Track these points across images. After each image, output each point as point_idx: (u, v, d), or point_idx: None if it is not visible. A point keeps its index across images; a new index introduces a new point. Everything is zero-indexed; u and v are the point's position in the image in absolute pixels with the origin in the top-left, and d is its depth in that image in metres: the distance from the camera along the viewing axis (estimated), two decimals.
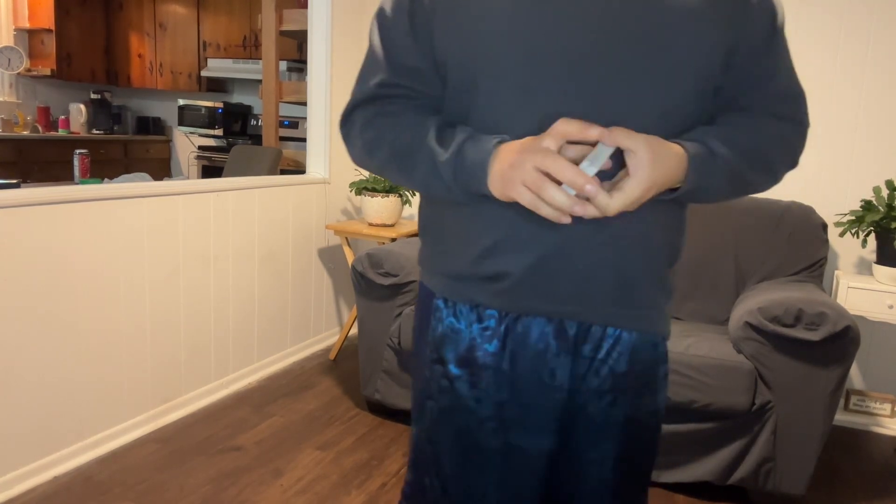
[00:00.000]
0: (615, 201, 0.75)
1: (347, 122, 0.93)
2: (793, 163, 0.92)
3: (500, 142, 0.80)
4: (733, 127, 0.86)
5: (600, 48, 0.78)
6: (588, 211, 0.74)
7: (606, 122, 0.76)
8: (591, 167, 0.74)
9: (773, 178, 0.91)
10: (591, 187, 0.72)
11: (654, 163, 0.76)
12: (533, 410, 0.90)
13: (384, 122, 0.88)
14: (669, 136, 0.81)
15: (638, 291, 0.88)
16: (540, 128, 0.79)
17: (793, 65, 0.91)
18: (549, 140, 0.75)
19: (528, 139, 0.77)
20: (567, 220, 0.75)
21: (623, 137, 0.74)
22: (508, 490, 0.92)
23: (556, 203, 0.74)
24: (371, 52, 0.91)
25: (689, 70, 0.81)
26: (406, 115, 0.87)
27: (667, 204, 0.85)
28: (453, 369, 0.91)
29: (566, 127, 0.75)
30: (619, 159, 0.77)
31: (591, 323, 0.88)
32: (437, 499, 0.94)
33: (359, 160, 0.94)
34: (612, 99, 0.79)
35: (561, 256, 0.83)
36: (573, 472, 0.93)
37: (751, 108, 0.88)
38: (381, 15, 0.90)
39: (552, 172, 0.73)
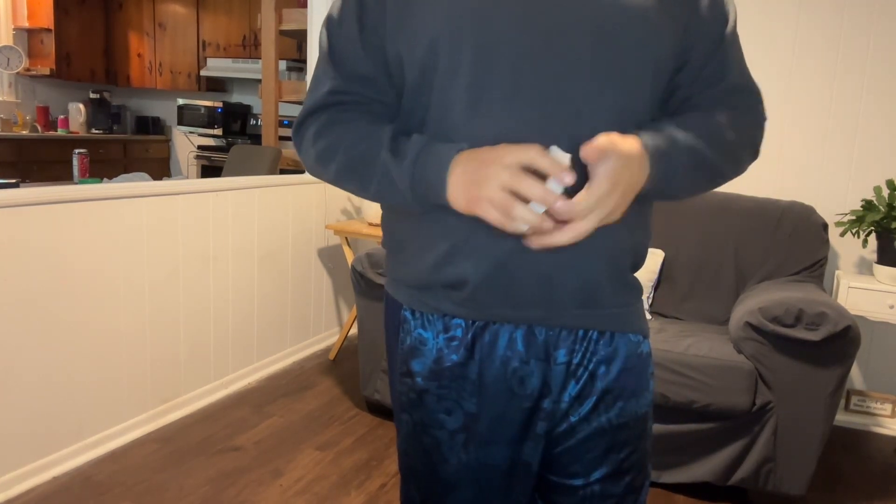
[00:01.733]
0: (586, 211, 0.74)
1: (299, 131, 0.91)
2: (754, 151, 0.91)
3: (460, 150, 0.78)
4: (689, 118, 0.86)
5: (552, 45, 0.77)
6: (564, 236, 0.74)
7: (561, 121, 0.76)
8: (557, 185, 0.72)
9: (738, 166, 0.90)
10: (562, 205, 0.71)
11: (615, 166, 0.75)
12: (503, 421, 0.88)
13: (336, 132, 0.86)
14: (625, 130, 0.80)
15: (602, 293, 0.85)
16: (494, 125, 0.78)
17: (746, 65, 0.91)
18: (512, 157, 0.73)
19: (487, 151, 0.75)
20: (537, 242, 0.75)
21: (589, 151, 0.74)
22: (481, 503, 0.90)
23: (528, 222, 0.72)
24: (321, 60, 0.89)
25: (642, 68, 0.80)
26: (359, 124, 0.85)
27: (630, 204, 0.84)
28: (421, 382, 0.89)
29: (531, 155, 0.73)
30: (583, 174, 0.75)
31: (560, 327, 0.86)
32: None
33: (313, 170, 0.91)
34: (565, 97, 0.78)
35: (520, 261, 0.81)
36: (558, 481, 0.91)
37: (701, 106, 0.88)
38: (329, 22, 0.88)
39: (521, 191, 0.72)
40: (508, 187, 0.72)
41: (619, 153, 0.75)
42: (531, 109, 0.77)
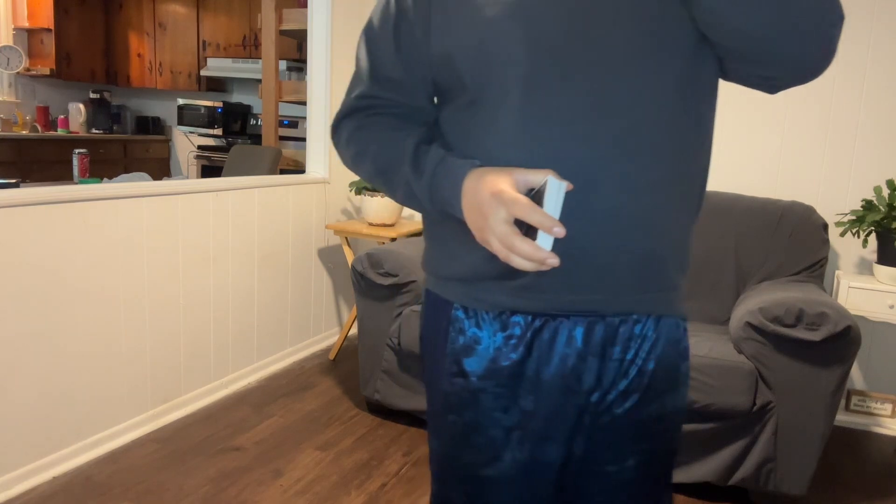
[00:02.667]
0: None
1: (335, 135, 0.97)
2: (836, 10, 0.73)
3: (472, 167, 0.79)
4: None
5: (594, 28, 0.77)
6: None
7: (617, 103, 0.76)
8: (554, 208, 0.72)
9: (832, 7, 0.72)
10: (559, 229, 0.71)
11: None
12: (558, 417, 0.88)
13: (364, 138, 0.90)
14: (689, 95, 0.80)
15: (659, 272, 0.86)
16: (548, 115, 0.78)
17: None
18: (506, 212, 0.73)
19: (485, 181, 0.75)
20: (555, 261, 0.74)
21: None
22: (530, 499, 0.91)
23: (525, 254, 0.72)
24: (357, 66, 0.94)
25: (684, 29, 0.78)
26: (383, 132, 0.89)
27: (681, 180, 0.84)
28: (477, 382, 0.88)
29: (521, 211, 0.72)
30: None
31: (616, 316, 0.86)
32: None
33: (351, 169, 0.97)
34: (614, 75, 0.78)
35: (580, 243, 0.81)
36: (592, 473, 0.91)
37: None
38: (368, 29, 0.91)
39: (521, 218, 0.72)
40: (509, 217, 0.73)
41: None
42: (585, 95, 0.77)
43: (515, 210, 0.71)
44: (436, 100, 0.93)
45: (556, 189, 0.71)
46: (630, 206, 0.81)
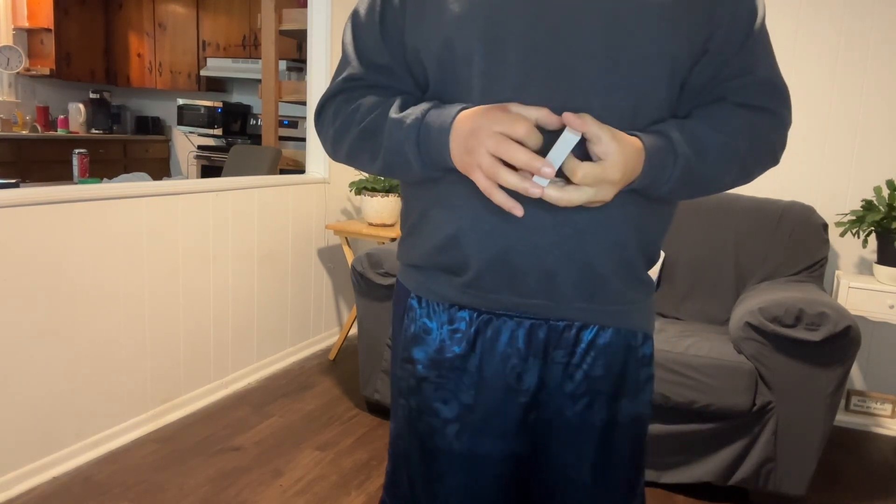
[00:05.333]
0: (587, 181, 0.73)
1: (319, 117, 0.95)
2: (771, 158, 0.88)
3: (463, 109, 0.78)
4: (701, 120, 0.83)
5: (561, 37, 0.77)
6: (554, 193, 0.72)
7: (570, 111, 0.74)
8: (557, 156, 0.71)
9: (746, 175, 0.87)
10: (549, 169, 0.70)
11: (621, 150, 0.74)
12: (497, 414, 0.89)
13: (351, 108, 0.89)
14: (639, 126, 0.79)
15: (608, 287, 0.85)
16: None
17: (775, 62, 0.87)
18: (503, 124, 0.73)
19: (481, 114, 0.75)
20: (519, 211, 0.74)
21: (591, 123, 0.72)
22: (473, 495, 0.91)
23: (508, 183, 0.72)
24: (343, 52, 0.93)
25: (658, 64, 0.79)
26: (371, 98, 0.88)
27: (638, 198, 0.83)
28: (422, 370, 0.91)
29: (524, 110, 0.74)
30: (582, 152, 0.75)
31: (561, 321, 0.86)
32: (405, 495, 0.95)
33: (331, 152, 0.95)
34: (574, 92, 0.77)
35: (525, 250, 0.82)
36: (548, 478, 0.92)
37: (725, 99, 0.84)
38: (354, 16, 0.92)
39: (505, 158, 0.72)
40: (495, 153, 0.73)
41: (623, 143, 0.74)
42: (540, 103, 0.76)
43: (512, 129, 0.72)
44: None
45: (568, 141, 0.72)
46: (575, 218, 0.80)
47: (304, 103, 3.41)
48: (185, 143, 5.96)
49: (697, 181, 0.83)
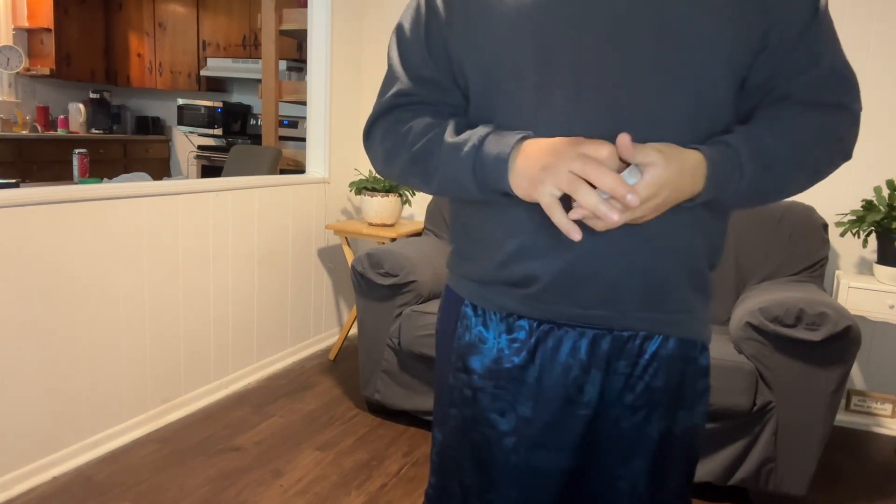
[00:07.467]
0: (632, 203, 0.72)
1: (369, 136, 0.94)
2: (842, 156, 0.86)
3: (524, 137, 0.78)
4: (768, 126, 0.80)
5: (614, 44, 0.76)
6: (609, 219, 0.72)
7: (628, 127, 0.73)
8: (630, 178, 0.72)
9: (817, 176, 0.85)
10: (633, 197, 0.70)
11: (667, 165, 0.73)
12: (556, 427, 0.87)
13: (402, 129, 0.88)
14: (702, 131, 0.78)
15: (670, 295, 0.84)
16: (560, 129, 0.77)
17: (840, 47, 0.83)
18: (587, 147, 0.72)
19: (559, 141, 0.75)
20: (577, 235, 0.73)
21: (638, 155, 0.72)
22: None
23: (587, 202, 0.71)
24: (389, 67, 0.92)
25: (715, 67, 0.77)
26: (423, 120, 0.87)
27: (700, 208, 0.81)
28: (477, 380, 0.89)
29: (599, 151, 0.72)
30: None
31: (624, 333, 0.85)
32: None
33: (382, 170, 0.94)
34: (631, 101, 0.76)
35: (590, 261, 0.81)
36: (601, 489, 0.90)
37: (791, 97, 0.81)
38: (399, 30, 0.91)
39: (591, 179, 0.71)
40: (580, 173, 0.72)
41: (669, 161, 0.73)
42: (596, 114, 0.76)
43: (602, 150, 0.72)
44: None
45: (632, 175, 0.73)
46: (639, 227, 0.79)
47: (304, 103, 3.41)
48: (186, 143, 5.96)
49: (765, 192, 0.82)
